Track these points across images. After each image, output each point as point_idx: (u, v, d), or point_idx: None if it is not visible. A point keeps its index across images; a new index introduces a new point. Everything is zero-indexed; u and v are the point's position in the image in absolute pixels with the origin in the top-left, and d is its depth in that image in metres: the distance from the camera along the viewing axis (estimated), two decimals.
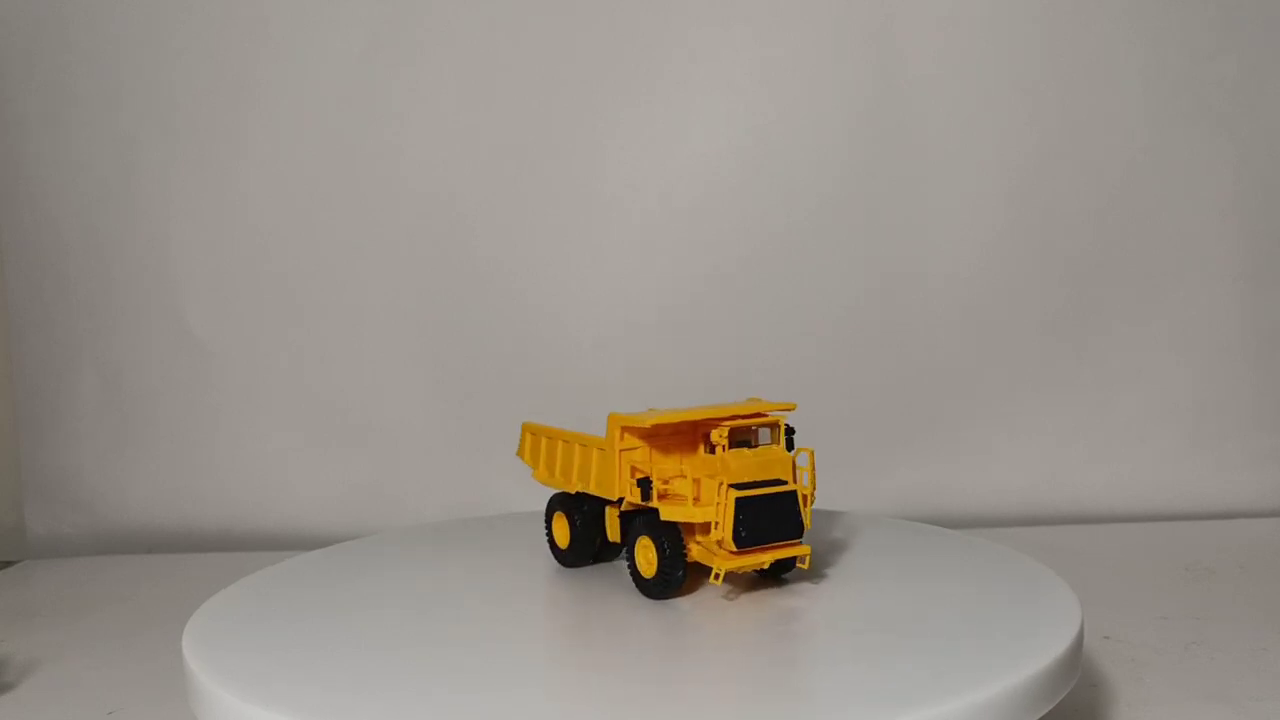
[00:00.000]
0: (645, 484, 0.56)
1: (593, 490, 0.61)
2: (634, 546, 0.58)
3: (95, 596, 0.88)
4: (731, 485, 0.54)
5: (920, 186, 1.02)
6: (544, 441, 0.66)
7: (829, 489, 0.61)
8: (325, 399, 1.05)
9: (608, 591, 0.59)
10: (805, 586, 0.58)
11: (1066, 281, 1.03)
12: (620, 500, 0.59)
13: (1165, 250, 1.02)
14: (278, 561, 0.67)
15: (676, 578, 0.56)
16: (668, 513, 0.55)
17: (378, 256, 1.04)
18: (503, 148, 1.03)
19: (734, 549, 0.54)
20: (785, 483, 0.56)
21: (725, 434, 0.56)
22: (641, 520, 0.57)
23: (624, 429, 0.58)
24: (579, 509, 0.63)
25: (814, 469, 0.58)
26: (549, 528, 0.65)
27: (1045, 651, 0.46)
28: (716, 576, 0.55)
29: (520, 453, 0.69)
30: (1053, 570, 0.60)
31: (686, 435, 0.59)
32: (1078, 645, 0.49)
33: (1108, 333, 1.03)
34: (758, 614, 0.55)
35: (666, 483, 0.58)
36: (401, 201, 1.04)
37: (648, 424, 0.56)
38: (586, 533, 0.63)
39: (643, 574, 0.57)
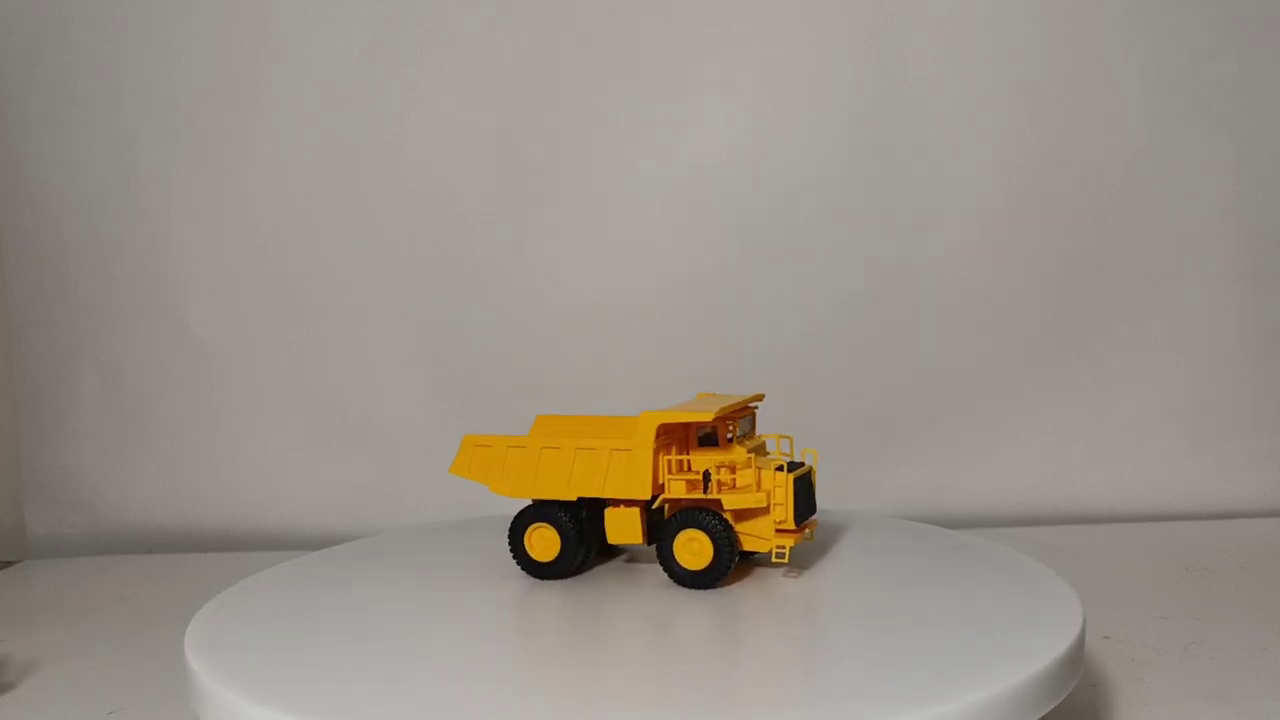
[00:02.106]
0: (707, 476, 0.58)
1: (608, 494, 0.59)
2: (672, 541, 0.58)
3: (95, 596, 0.88)
4: (788, 470, 0.58)
5: (920, 186, 1.02)
6: (507, 452, 0.62)
7: (828, 489, 0.61)
8: (325, 399, 1.05)
9: (603, 591, 0.59)
10: (804, 586, 0.58)
11: (1066, 281, 1.03)
12: (653, 499, 0.59)
13: (1165, 250, 1.02)
14: (278, 561, 0.67)
15: (734, 562, 0.58)
16: (731, 501, 0.58)
17: (378, 256, 1.04)
18: (503, 148, 1.03)
19: (794, 527, 0.58)
20: (803, 464, 0.61)
21: (736, 427, 0.60)
22: (686, 514, 0.58)
23: (662, 426, 0.59)
24: (574, 516, 0.61)
25: (810, 456, 0.62)
26: (519, 544, 0.62)
27: (1045, 651, 0.46)
28: (780, 555, 0.58)
29: (460, 469, 0.64)
30: (1053, 570, 0.60)
31: (680, 432, 0.61)
32: (1078, 645, 0.49)
33: (1108, 333, 1.03)
34: (757, 613, 0.55)
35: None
36: (401, 201, 1.04)
37: (710, 416, 0.58)
38: (582, 540, 0.61)
39: (690, 567, 0.58)
